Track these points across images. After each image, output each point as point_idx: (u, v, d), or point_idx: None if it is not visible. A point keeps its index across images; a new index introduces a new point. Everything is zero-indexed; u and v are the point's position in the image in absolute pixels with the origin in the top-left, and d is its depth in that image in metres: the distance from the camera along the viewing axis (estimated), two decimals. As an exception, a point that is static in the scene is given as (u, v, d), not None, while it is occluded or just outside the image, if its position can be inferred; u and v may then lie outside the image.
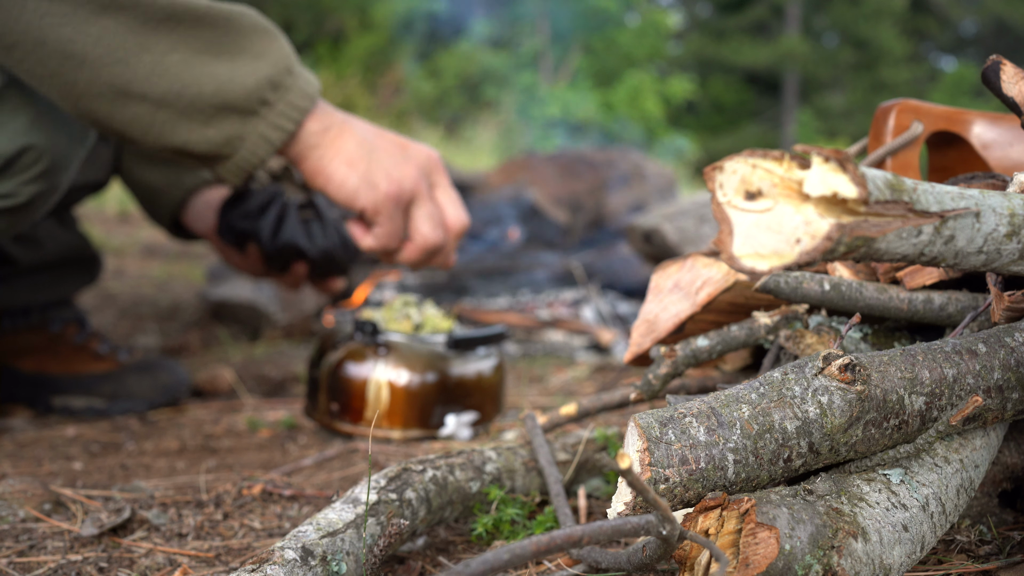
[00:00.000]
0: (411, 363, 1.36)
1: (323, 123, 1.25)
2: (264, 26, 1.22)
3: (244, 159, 1.22)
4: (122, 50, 1.14)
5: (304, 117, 1.22)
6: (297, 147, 1.25)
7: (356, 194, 1.27)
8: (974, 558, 0.80)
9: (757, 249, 0.59)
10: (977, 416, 0.74)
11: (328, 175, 1.26)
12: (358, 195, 1.27)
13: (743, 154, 0.60)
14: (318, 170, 1.26)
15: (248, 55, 1.19)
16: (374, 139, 1.29)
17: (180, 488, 1.15)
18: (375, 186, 1.27)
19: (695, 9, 20.39)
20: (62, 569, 0.89)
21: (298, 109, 1.21)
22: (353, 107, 8.45)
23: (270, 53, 1.20)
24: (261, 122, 1.20)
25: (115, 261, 3.32)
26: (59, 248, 1.63)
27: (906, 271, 0.89)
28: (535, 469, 1.03)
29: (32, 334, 1.63)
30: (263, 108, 1.20)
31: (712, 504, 0.66)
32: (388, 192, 1.28)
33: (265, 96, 1.19)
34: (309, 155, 1.25)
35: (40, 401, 1.57)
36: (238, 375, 1.81)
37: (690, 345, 0.95)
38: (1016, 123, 1.04)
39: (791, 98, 17.70)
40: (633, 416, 0.69)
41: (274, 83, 1.20)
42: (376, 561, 0.80)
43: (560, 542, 0.56)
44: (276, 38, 1.22)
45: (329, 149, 1.26)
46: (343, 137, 1.26)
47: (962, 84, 16.42)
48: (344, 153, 1.26)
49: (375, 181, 1.27)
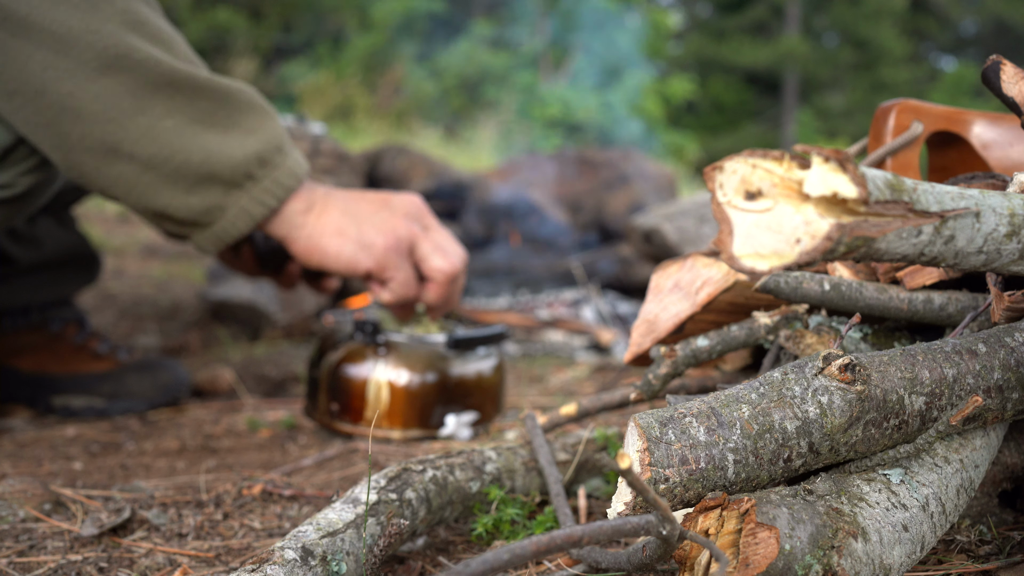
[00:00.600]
0: (411, 363, 1.36)
1: (307, 202, 1.27)
2: (260, 104, 1.25)
3: (223, 229, 1.24)
4: (118, 109, 1.16)
5: (288, 196, 1.25)
6: (281, 226, 1.27)
7: (356, 260, 1.29)
8: (974, 558, 0.80)
9: (757, 249, 0.59)
10: (977, 416, 0.74)
11: (323, 251, 1.28)
12: (358, 260, 1.29)
13: (743, 154, 0.60)
14: (311, 249, 1.28)
15: (241, 129, 1.22)
16: (356, 204, 1.31)
17: (180, 488, 1.15)
18: (371, 245, 1.30)
19: (695, 9, 20.39)
20: (62, 569, 0.89)
21: (283, 187, 1.24)
22: (353, 107, 8.45)
23: (263, 130, 1.23)
24: (244, 195, 1.22)
25: (115, 261, 3.32)
26: (58, 248, 1.63)
27: (906, 271, 0.89)
28: (535, 469, 1.03)
29: (32, 334, 1.63)
30: (248, 182, 1.22)
31: (712, 504, 0.66)
32: (387, 245, 1.30)
33: (252, 171, 1.21)
34: (297, 235, 1.28)
35: (40, 401, 1.57)
36: (238, 375, 1.81)
37: (690, 345, 0.95)
38: (1016, 123, 1.04)
39: (791, 98, 17.70)
40: (633, 416, 0.69)
41: (262, 159, 1.22)
42: (376, 561, 0.80)
43: (560, 542, 0.56)
44: (271, 117, 1.25)
45: (316, 227, 1.28)
46: (327, 212, 1.29)
47: (962, 84, 16.42)
48: (331, 226, 1.28)
49: (369, 241, 1.29)
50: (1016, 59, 0.86)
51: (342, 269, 1.30)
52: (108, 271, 3.02)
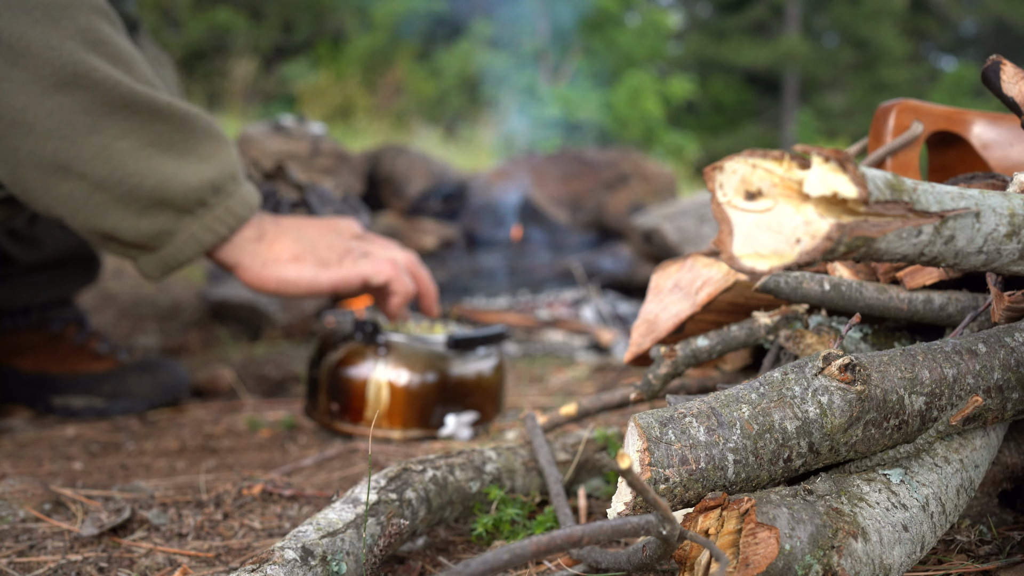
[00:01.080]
0: (411, 363, 1.36)
1: (258, 230, 1.29)
2: (217, 132, 1.24)
3: (170, 254, 1.23)
4: (72, 127, 1.15)
5: (240, 225, 1.25)
6: (232, 253, 1.27)
7: (316, 280, 1.31)
8: (974, 558, 0.80)
9: (757, 249, 0.59)
10: (977, 416, 0.74)
11: (280, 279, 1.30)
12: (319, 280, 1.32)
13: (743, 154, 0.60)
14: (265, 278, 1.30)
15: (196, 156, 1.21)
16: (304, 230, 1.34)
17: (180, 488, 1.15)
18: (327, 263, 1.32)
19: (695, 9, 20.39)
20: (62, 569, 0.89)
21: (235, 216, 1.24)
22: (353, 107, 8.44)
23: (218, 158, 1.23)
24: (195, 222, 1.22)
25: (115, 261, 3.31)
26: (58, 247, 1.63)
27: (906, 271, 0.89)
28: (535, 469, 1.03)
29: (32, 334, 1.63)
30: (200, 209, 1.22)
31: (712, 504, 0.66)
32: (341, 259, 1.34)
33: (205, 198, 1.21)
34: (248, 263, 1.29)
35: (40, 401, 1.57)
36: (238, 375, 1.81)
37: (690, 345, 0.95)
38: (1016, 123, 1.04)
39: (791, 98, 17.69)
40: (633, 416, 0.69)
41: (216, 187, 1.22)
42: (376, 561, 0.80)
43: (560, 542, 0.56)
44: (227, 145, 1.25)
45: (269, 255, 1.29)
46: (279, 240, 1.30)
47: (962, 84, 16.41)
48: (286, 253, 1.30)
49: (326, 259, 1.33)
50: (1016, 59, 0.86)
51: (303, 292, 1.32)
52: (108, 271, 3.02)
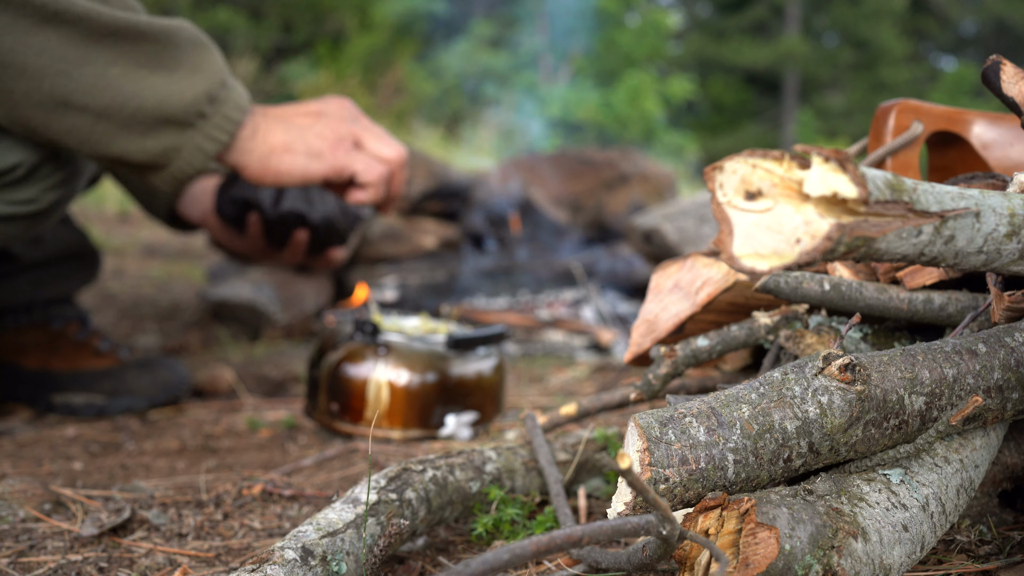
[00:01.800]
0: (411, 363, 1.36)
1: (251, 127, 1.31)
2: (200, 39, 1.26)
3: (179, 169, 1.26)
4: (64, 62, 1.17)
5: (238, 129, 1.28)
6: (233, 155, 1.30)
7: (308, 170, 1.33)
8: (974, 558, 0.80)
9: (757, 249, 0.59)
10: (977, 416, 0.74)
11: (277, 171, 1.32)
12: (310, 169, 1.33)
13: (743, 154, 0.60)
14: (264, 171, 1.32)
15: (185, 68, 1.23)
16: (294, 119, 1.35)
17: (180, 488, 1.15)
18: (319, 153, 1.34)
19: (695, 9, 20.39)
20: (62, 569, 0.89)
21: (232, 121, 1.27)
22: (353, 107, 8.42)
23: (206, 67, 1.25)
24: (197, 134, 1.25)
25: (115, 261, 3.32)
26: (59, 244, 1.63)
27: (906, 271, 0.89)
28: (535, 469, 1.03)
29: (34, 331, 1.63)
30: (200, 120, 1.24)
31: (712, 504, 0.66)
32: (333, 148, 1.35)
33: (202, 109, 1.24)
34: (248, 161, 1.31)
35: (41, 398, 1.57)
36: (238, 375, 1.81)
37: (690, 345, 0.95)
38: (1016, 123, 1.04)
39: (791, 98, 17.70)
40: (633, 416, 0.69)
41: (211, 96, 1.24)
42: (376, 561, 0.80)
43: (560, 542, 0.56)
44: (211, 51, 1.27)
45: (263, 149, 1.31)
46: (271, 132, 1.32)
47: (962, 84, 16.41)
48: (278, 145, 1.32)
49: (317, 149, 1.34)
50: (1016, 59, 0.86)
51: (296, 182, 1.33)
52: (108, 271, 3.02)
